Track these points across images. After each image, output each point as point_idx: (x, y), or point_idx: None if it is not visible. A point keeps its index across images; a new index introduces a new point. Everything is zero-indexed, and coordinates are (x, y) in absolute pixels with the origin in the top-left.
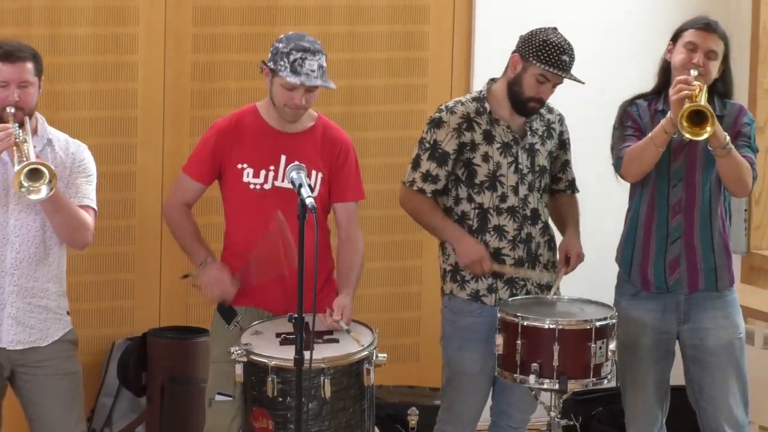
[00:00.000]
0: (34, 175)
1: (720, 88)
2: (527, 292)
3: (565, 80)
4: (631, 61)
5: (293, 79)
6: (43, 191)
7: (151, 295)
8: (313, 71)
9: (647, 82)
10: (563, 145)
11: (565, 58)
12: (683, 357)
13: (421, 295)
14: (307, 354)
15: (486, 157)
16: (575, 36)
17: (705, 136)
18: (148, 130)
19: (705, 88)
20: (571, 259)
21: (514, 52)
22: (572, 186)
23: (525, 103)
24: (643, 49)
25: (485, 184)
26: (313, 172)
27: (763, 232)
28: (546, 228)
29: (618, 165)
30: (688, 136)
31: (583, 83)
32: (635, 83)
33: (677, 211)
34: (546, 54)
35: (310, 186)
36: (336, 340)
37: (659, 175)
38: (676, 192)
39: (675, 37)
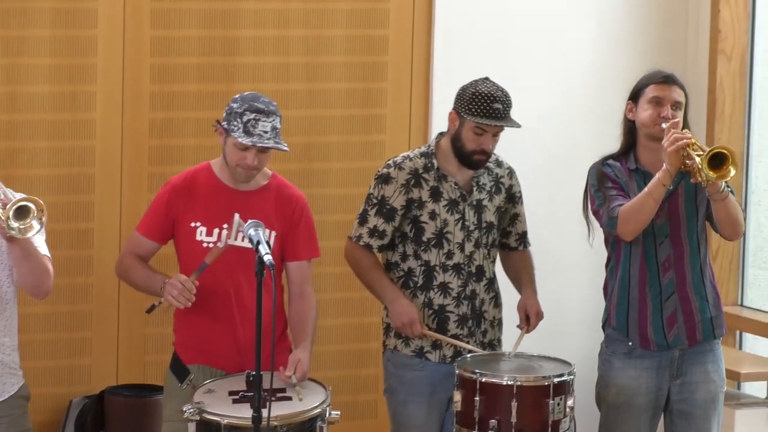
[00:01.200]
0: (21, 213)
1: None
2: (471, 350)
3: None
4: (586, 119)
5: (245, 140)
6: (36, 225)
7: (109, 352)
8: (266, 132)
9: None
10: (512, 198)
11: (497, 105)
12: (669, 411)
13: (380, 352)
14: (264, 412)
15: (433, 215)
16: (532, 86)
17: (731, 175)
18: (106, 187)
19: (733, 150)
20: (531, 318)
21: (451, 109)
22: (523, 240)
23: (469, 157)
24: (596, 108)
25: (432, 241)
26: (267, 230)
27: (720, 288)
28: (491, 284)
29: (613, 224)
30: (714, 177)
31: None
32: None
33: (667, 267)
34: (476, 106)
35: (268, 243)
36: (289, 398)
37: (644, 234)
38: (663, 249)
39: (635, 96)
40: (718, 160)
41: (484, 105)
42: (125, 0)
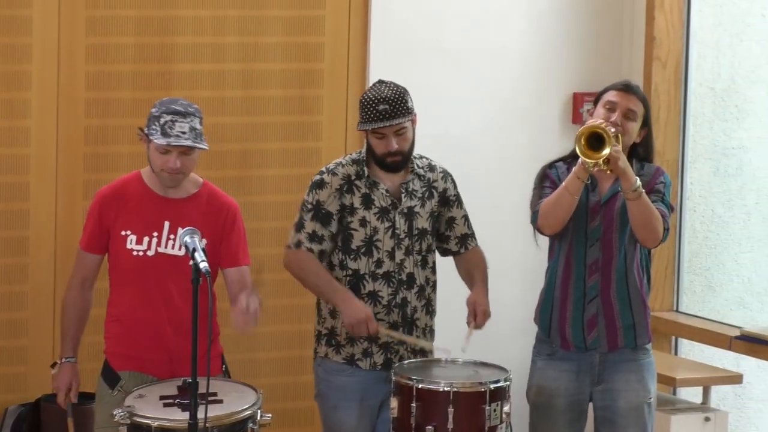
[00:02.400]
0: None
1: (641, 153)
2: (401, 358)
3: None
4: (522, 125)
5: (161, 141)
6: None
7: (45, 360)
8: (184, 133)
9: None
10: (446, 202)
11: (383, 107)
12: (594, 417)
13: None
14: (197, 415)
15: (363, 222)
16: (468, 93)
17: (602, 158)
18: (41, 195)
19: (619, 138)
20: (478, 316)
21: None
22: (464, 242)
23: (383, 160)
24: (531, 115)
25: (361, 249)
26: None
27: (656, 294)
28: (422, 292)
29: (534, 218)
30: (588, 160)
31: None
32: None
33: (594, 270)
34: (364, 113)
35: (203, 250)
36: (220, 401)
37: (576, 236)
38: (593, 252)
39: (597, 100)
40: (600, 143)
41: (370, 109)
42: (60, 7)
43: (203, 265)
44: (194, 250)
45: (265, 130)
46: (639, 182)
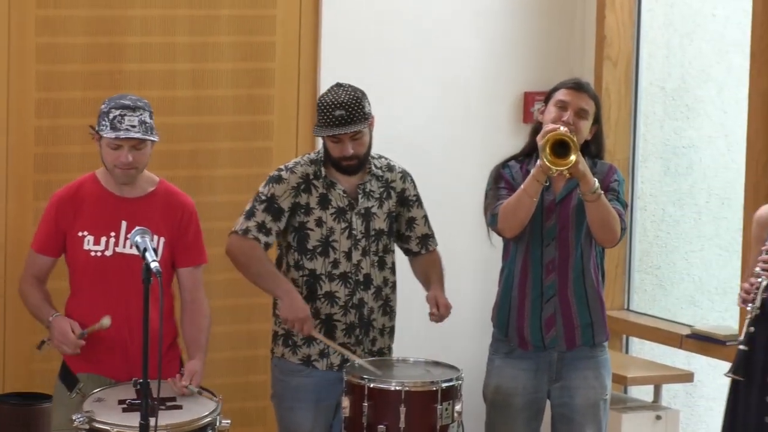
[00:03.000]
0: None
1: (592, 150)
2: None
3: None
4: (473, 123)
5: (110, 135)
6: None
7: None
8: (133, 126)
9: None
10: (405, 202)
11: (339, 112)
12: (551, 415)
13: (269, 359)
14: (152, 420)
15: (320, 222)
16: (419, 91)
17: (568, 165)
18: None
19: (575, 138)
20: (441, 309)
21: None
22: (425, 243)
23: (338, 164)
24: (482, 112)
25: (317, 249)
26: (155, 237)
27: (607, 293)
28: (379, 293)
29: (494, 221)
30: (554, 168)
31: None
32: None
33: (551, 269)
34: (320, 117)
35: (154, 250)
36: (179, 407)
37: (532, 235)
38: (549, 251)
39: (547, 98)
40: (564, 149)
41: (326, 115)
42: (10, 7)
43: (154, 264)
44: (145, 249)
45: (216, 129)
46: (598, 184)
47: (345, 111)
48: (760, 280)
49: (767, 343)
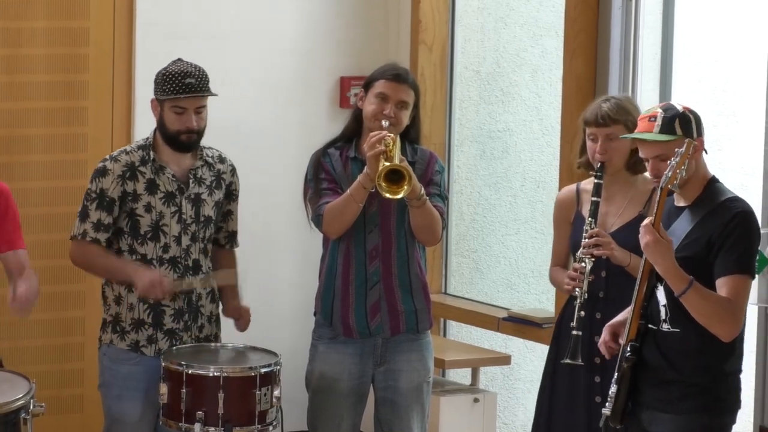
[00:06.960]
0: None
1: (411, 135)
2: (183, 343)
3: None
4: (292, 108)
5: None
6: None
7: None
8: None
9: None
10: (230, 195)
11: (190, 80)
12: (375, 399)
13: (85, 346)
14: None
15: (149, 208)
16: (238, 79)
17: (402, 194)
18: None
19: (398, 141)
20: (244, 315)
21: (152, 97)
22: (231, 239)
23: (176, 138)
24: (301, 97)
25: (149, 234)
26: None
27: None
28: (207, 280)
29: (318, 221)
30: (387, 195)
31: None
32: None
33: (374, 256)
34: (169, 85)
35: None
36: None
37: (355, 222)
38: (372, 238)
39: (366, 86)
40: (398, 176)
41: (176, 82)
42: None
43: None
44: None
45: (30, 115)
46: (423, 191)
47: (195, 79)
48: (583, 264)
49: (591, 324)
